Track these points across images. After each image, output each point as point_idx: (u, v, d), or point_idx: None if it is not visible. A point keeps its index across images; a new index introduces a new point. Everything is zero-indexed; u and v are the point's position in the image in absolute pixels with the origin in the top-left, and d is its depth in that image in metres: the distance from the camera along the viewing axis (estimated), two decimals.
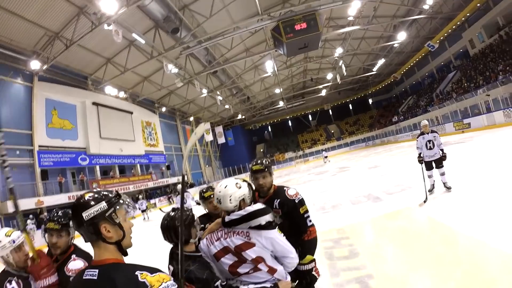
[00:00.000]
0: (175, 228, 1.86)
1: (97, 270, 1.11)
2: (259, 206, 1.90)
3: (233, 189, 1.96)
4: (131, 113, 27.47)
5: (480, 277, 2.98)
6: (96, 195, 1.20)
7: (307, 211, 2.33)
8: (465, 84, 26.51)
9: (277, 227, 1.92)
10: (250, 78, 33.05)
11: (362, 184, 11.10)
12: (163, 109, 32.80)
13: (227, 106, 37.38)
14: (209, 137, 38.83)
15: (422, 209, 5.90)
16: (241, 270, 1.82)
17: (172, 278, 1.12)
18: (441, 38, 29.14)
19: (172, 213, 1.97)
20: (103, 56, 20.74)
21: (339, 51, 28.04)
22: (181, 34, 18.99)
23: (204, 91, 29.10)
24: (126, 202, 1.28)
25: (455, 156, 11.48)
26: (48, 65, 17.79)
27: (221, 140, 42.20)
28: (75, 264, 1.89)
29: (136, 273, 1.08)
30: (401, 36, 26.71)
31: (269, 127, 59.40)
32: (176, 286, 1.11)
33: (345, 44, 27.75)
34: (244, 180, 2.14)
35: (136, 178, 26.64)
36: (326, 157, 33.30)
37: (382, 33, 28.80)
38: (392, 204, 6.91)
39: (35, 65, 17.10)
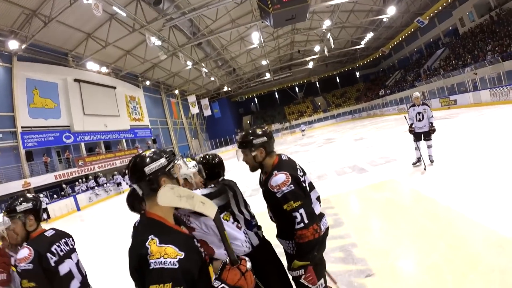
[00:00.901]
0: None
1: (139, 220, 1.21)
2: (204, 191, 1.90)
3: None
4: (115, 88, 26.72)
5: (463, 251, 3.08)
6: (156, 152, 1.30)
7: (295, 209, 1.75)
8: (453, 62, 26.68)
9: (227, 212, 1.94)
10: (236, 50, 32.29)
11: (348, 155, 11.37)
12: (147, 82, 31.94)
13: (212, 78, 36.66)
14: (195, 110, 38.36)
15: (406, 182, 6.05)
16: None
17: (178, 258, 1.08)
18: (431, 14, 29.03)
19: None
20: (83, 31, 19.76)
21: (327, 23, 27.42)
22: (164, 5, 18.36)
23: (189, 63, 28.41)
24: (181, 160, 1.43)
25: (441, 132, 11.71)
26: (27, 44, 16.97)
27: (207, 112, 41.75)
28: (21, 253, 1.75)
29: (150, 236, 1.11)
30: (391, 10, 26.21)
31: (256, 99, 58.88)
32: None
33: (334, 17, 27.13)
34: (194, 159, 2.19)
35: (122, 153, 26.33)
36: (303, 130, 35.57)
37: (371, 6, 28.34)
38: (377, 175, 7.11)
39: (13, 45, 16.31)
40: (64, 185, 18.55)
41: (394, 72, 44.91)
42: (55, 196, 17.75)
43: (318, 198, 2.09)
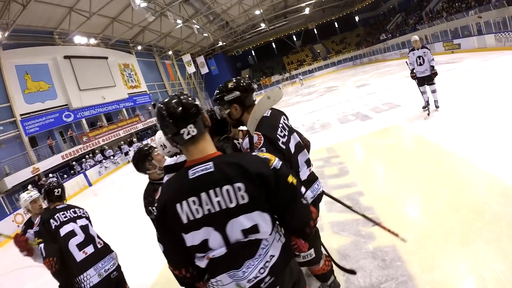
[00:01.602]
0: None
1: (210, 163, 1.16)
2: (173, 159, 1.81)
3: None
4: (106, 58, 25.93)
5: (468, 198, 3.08)
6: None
7: None
8: (457, 4, 25.01)
9: None
10: (227, 2, 30.41)
11: (351, 103, 11.34)
12: (139, 47, 30.89)
13: (205, 35, 35.34)
14: (191, 69, 37.47)
15: (410, 127, 6.01)
16: None
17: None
18: None
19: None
20: (64, 5, 18.65)
21: None
22: None
23: (179, 21, 27.07)
24: None
25: (445, 76, 11.47)
26: (9, 31, 16.24)
27: (204, 70, 40.76)
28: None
29: (254, 153, 1.31)
30: None
31: (253, 51, 56.70)
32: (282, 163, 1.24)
33: None
34: None
35: (124, 123, 26.34)
36: (301, 79, 36.20)
37: None
38: (381, 122, 7.11)
39: None
40: (74, 163, 18.85)
41: (394, 15, 42.58)
42: (65, 176, 18.08)
43: (307, 161, 1.94)
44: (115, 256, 2.68)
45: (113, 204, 9.58)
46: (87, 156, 19.94)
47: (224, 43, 44.75)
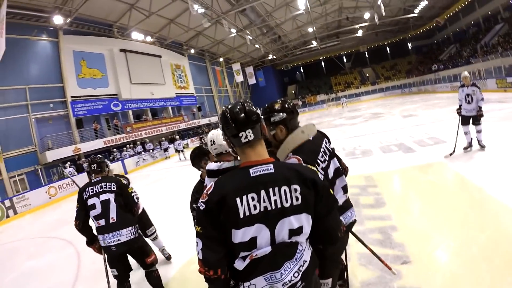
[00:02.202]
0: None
1: (271, 165, 1.27)
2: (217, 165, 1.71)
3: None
4: (160, 56, 27.37)
5: (503, 247, 2.91)
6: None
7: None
8: None
9: None
10: (281, 16, 31.01)
11: (395, 132, 10.94)
12: (192, 51, 32.32)
13: (257, 46, 36.08)
14: (239, 78, 38.35)
15: (454, 166, 5.74)
16: None
17: None
18: None
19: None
20: (126, 2, 20.15)
21: None
22: None
23: (233, 31, 27.97)
24: None
25: (494, 115, 10.80)
26: (71, 18, 17.78)
27: (252, 80, 41.64)
28: None
29: (303, 164, 1.48)
30: None
31: (301, 68, 56.89)
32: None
33: None
34: None
35: (168, 120, 27.45)
36: (343, 102, 36.07)
37: None
38: (424, 156, 6.84)
39: (58, 20, 17.20)
40: (114, 149, 19.89)
41: (448, 45, 40.50)
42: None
43: (344, 188, 1.93)
44: (125, 233, 2.98)
45: (144, 195, 9.93)
46: (127, 145, 20.92)
47: (274, 57, 45.38)
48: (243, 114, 1.28)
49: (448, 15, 36.21)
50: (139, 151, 20.84)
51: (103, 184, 3.02)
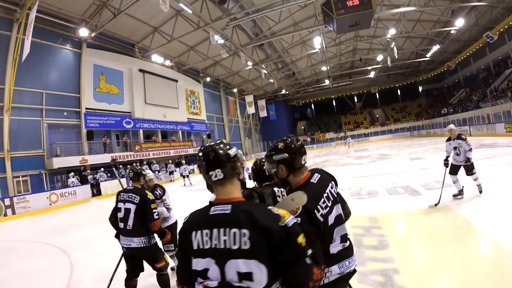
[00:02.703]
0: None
1: (229, 206, 1.32)
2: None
3: None
4: (176, 81, 28.13)
5: None
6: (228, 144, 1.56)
7: None
8: None
9: None
10: (297, 54, 32.07)
11: (402, 175, 10.71)
12: (208, 79, 33.24)
13: (271, 80, 37.00)
14: (251, 110, 38.95)
15: (460, 210, 5.64)
16: None
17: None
18: (501, 29, 26.34)
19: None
20: (150, 25, 21.12)
21: (391, 32, 26.05)
22: (229, 5, 18.78)
23: (249, 63, 28.90)
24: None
25: (502, 159, 10.75)
26: (96, 32, 18.55)
27: (263, 113, 42.36)
28: None
29: (269, 208, 1.36)
30: (459, 22, 24.17)
31: (312, 104, 57.89)
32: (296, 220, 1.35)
33: (399, 26, 25.70)
34: None
35: (177, 144, 27.68)
36: (350, 142, 36.13)
37: (439, 17, 26.32)
38: (430, 200, 6.62)
39: (83, 32, 17.93)
40: (121, 166, 19.91)
41: (459, 89, 41.22)
42: (109, 174, 19.13)
43: (343, 237, 1.83)
44: (136, 241, 3.28)
45: None
46: (134, 164, 20.90)
47: (287, 92, 46.29)
48: (213, 154, 1.37)
49: (459, 60, 37.01)
50: None
51: (130, 194, 3.33)
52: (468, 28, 27.92)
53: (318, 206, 1.66)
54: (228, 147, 1.43)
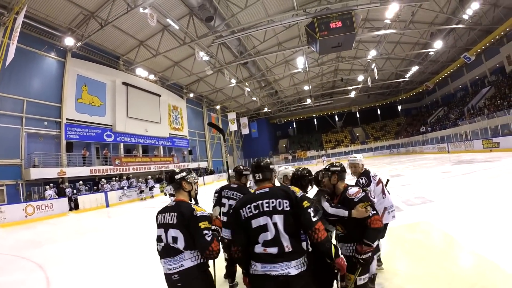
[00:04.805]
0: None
1: (175, 202, 2.46)
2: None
3: None
4: (159, 96, 27.94)
5: None
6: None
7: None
8: (499, 102, 25.32)
9: None
10: (280, 73, 32.75)
11: None
12: (191, 95, 33.20)
13: (254, 98, 37.29)
14: (233, 127, 39.03)
15: (441, 225, 5.74)
16: None
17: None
18: (478, 50, 27.91)
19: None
20: (137, 38, 21.11)
21: (372, 53, 27.31)
22: (215, 22, 19.02)
23: (233, 81, 29.23)
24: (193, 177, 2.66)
25: (480, 176, 11.09)
26: (82, 42, 18.34)
27: (245, 131, 42.47)
28: None
29: (192, 206, 2.36)
30: (438, 44, 25.63)
31: (294, 123, 58.84)
32: (207, 214, 2.35)
33: (380, 47, 26.97)
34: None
35: (158, 159, 27.24)
36: (324, 161, 38.54)
37: (418, 39, 27.73)
38: (411, 216, 6.73)
39: (69, 41, 17.67)
40: (103, 180, 19.33)
41: (437, 108, 43.09)
42: (87, 187, 18.59)
43: (266, 243, 2.24)
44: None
45: (122, 231, 9.63)
46: (113, 178, 20.45)
47: (269, 110, 46.94)
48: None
49: (437, 80, 38.92)
50: (123, 186, 20.19)
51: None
52: (446, 50, 29.45)
53: (243, 209, 2.20)
54: (178, 171, 2.58)
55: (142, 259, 5.98)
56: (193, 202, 2.59)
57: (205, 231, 2.22)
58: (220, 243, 2.43)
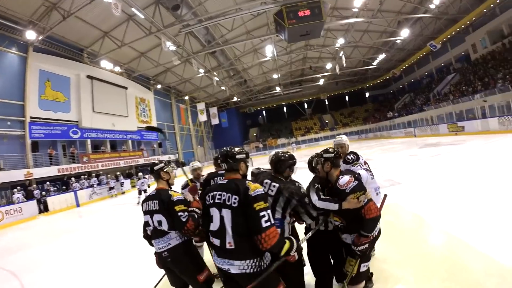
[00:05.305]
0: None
1: (155, 190, 2.77)
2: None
3: None
4: (126, 88, 26.95)
5: (463, 278, 3.03)
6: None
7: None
8: (463, 88, 26.59)
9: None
10: (249, 61, 32.66)
11: None
12: (158, 86, 32.30)
13: (223, 88, 36.96)
14: (203, 117, 38.65)
15: (410, 206, 5.96)
16: None
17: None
18: (444, 39, 29.05)
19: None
20: (101, 29, 20.08)
21: (340, 41, 27.79)
22: (182, 11, 18.61)
23: (201, 71, 28.62)
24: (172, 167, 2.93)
25: (446, 157, 11.72)
26: (44, 35, 17.25)
27: (215, 121, 42.08)
28: None
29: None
30: (404, 33, 26.44)
31: (264, 111, 59.23)
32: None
33: (347, 36, 27.49)
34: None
35: (127, 154, 26.50)
36: (294, 148, 39.72)
37: (385, 28, 28.53)
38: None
39: (30, 35, 16.53)
40: (73, 178, 18.55)
41: (403, 94, 44.92)
42: (56, 187, 17.80)
43: (214, 233, 2.30)
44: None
45: (95, 231, 9.33)
46: (82, 176, 19.67)
47: (239, 99, 46.71)
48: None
49: (404, 67, 40.29)
50: (93, 184, 19.44)
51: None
52: (413, 38, 30.48)
53: (207, 196, 2.24)
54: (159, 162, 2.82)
55: (117, 258, 5.96)
56: (173, 188, 2.93)
57: (180, 213, 2.56)
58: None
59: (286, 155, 2.85)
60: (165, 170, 2.88)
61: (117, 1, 14.73)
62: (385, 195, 3.28)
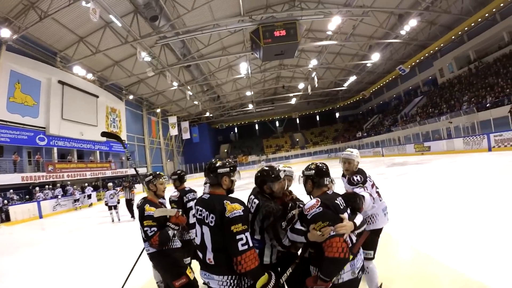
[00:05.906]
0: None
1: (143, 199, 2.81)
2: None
3: None
4: (97, 96, 26.33)
5: None
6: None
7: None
8: (430, 110, 28.06)
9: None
10: (223, 77, 33.06)
11: None
12: (131, 97, 31.80)
13: (196, 102, 36.98)
14: (174, 131, 38.24)
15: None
16: None
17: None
18: (413, 63, 30.66)
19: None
20: (76, 33, 19.74)
21: (313, 62, 28.91)
22: (160, 22, 18.73)
23: (175, 84, 28.67)
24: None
25: (413, 176, 12.21)
26: (19, 35, 16.72)
27: (186, 135, 41.74)
28: None
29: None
30: (375, 56, 27.71)
31: (236, 128, 59.58)
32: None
33: (321, 57, 28.75)
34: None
35: (94, 165, 25.69)
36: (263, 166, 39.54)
37: (357, 51, 30.13)
38: None
39: (5, 33, 15.90)
40: (37, 188, 17.69)
41: (372, 115, 46.99)
42: (19, 196, 16.89)
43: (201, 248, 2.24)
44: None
45: (57, 244, 8.81)
46: (46, 186, 18.84)
47: (211, 115, 46.77)
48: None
49: (374, 89, 42.21)
50: (57, 194, 18.58)
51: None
52: (383, 62, 32.19)
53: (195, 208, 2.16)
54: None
55: (80, 274, 5.56)
56: (161, 200, 3.25)
57: (146, 228, 2.77)
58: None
59: (265, 171, 2.43)
60: (153, 182, 3.14)
61: (96, 6, 14.69)
62: (369, 232, 2.91)
